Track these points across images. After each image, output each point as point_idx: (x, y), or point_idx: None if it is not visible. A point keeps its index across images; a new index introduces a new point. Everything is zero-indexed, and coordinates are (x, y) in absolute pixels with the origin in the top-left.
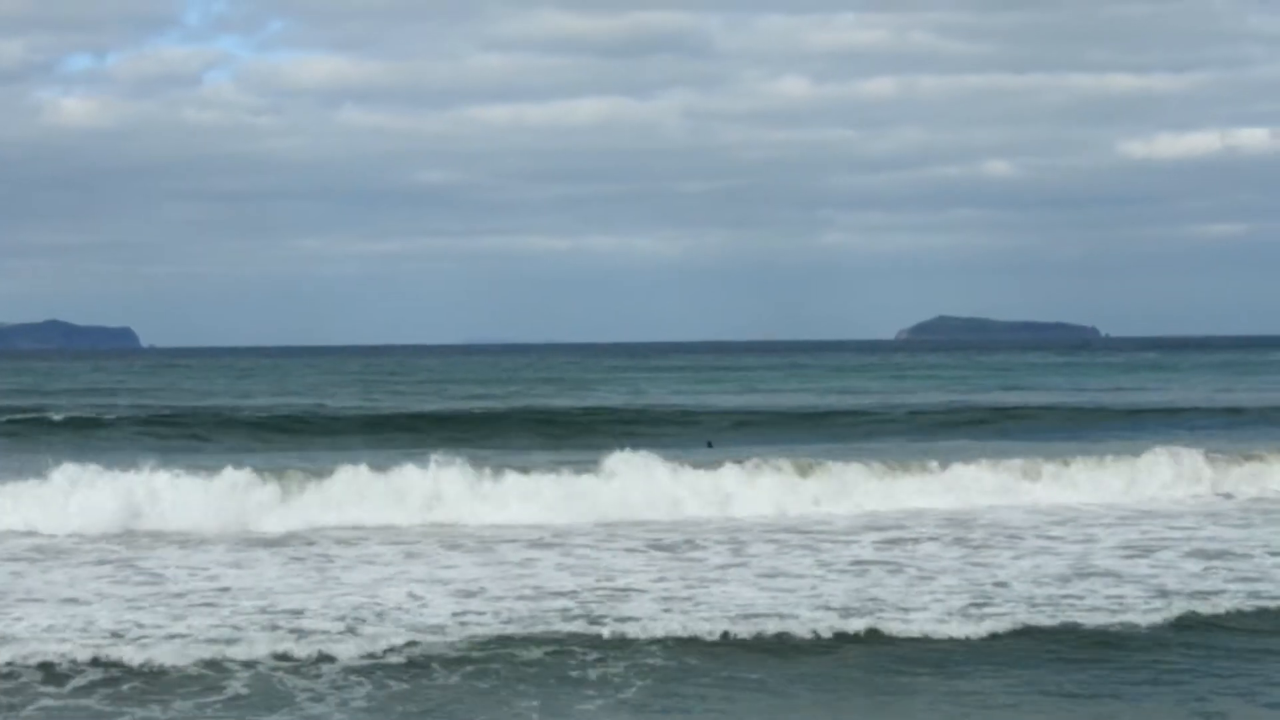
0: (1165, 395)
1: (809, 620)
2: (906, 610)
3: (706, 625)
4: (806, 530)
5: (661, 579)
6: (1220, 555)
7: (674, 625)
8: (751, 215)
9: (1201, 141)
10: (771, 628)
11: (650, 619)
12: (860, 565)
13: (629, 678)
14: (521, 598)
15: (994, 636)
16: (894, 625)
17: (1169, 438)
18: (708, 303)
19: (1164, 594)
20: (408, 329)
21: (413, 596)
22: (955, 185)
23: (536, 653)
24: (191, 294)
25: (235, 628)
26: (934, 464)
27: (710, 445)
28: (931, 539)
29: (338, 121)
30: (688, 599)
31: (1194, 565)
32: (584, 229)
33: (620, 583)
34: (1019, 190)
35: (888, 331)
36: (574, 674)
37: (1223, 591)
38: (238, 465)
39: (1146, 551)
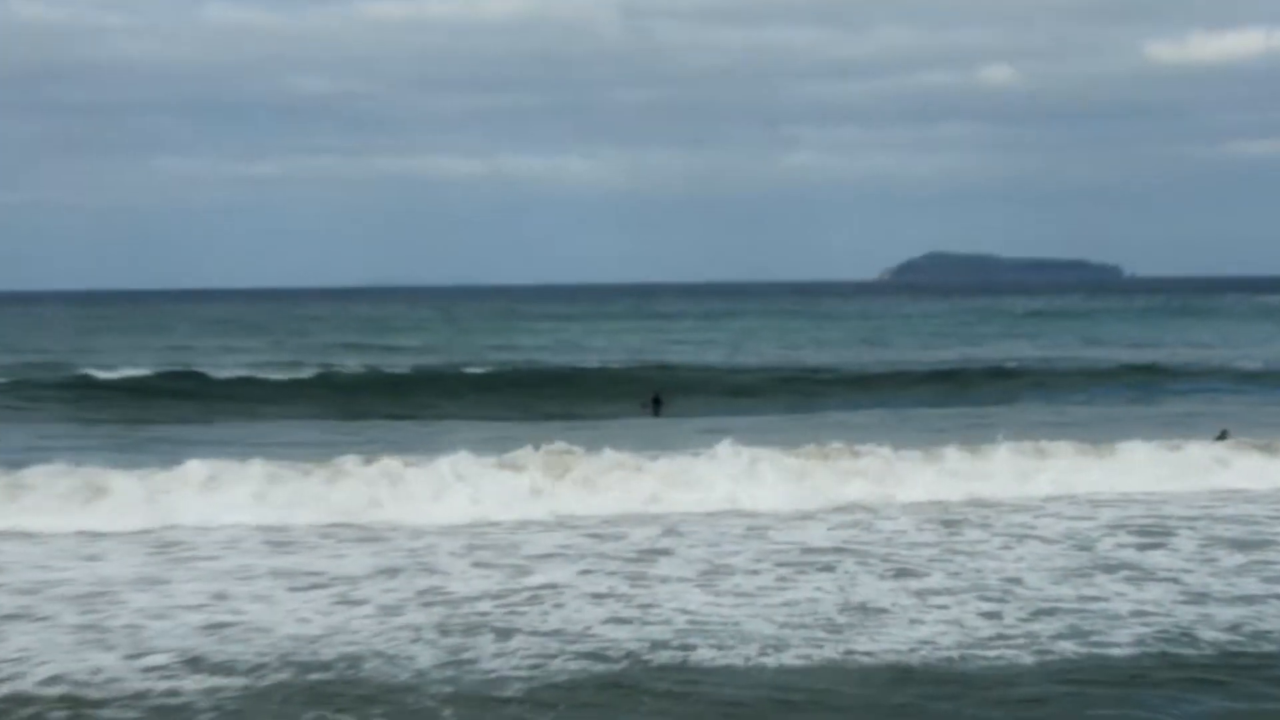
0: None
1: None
2: None
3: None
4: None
5: None
6: None
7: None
8: (703, 132)
9: (1243, 42)
10: None
11: None
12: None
13: None
14: None
15: None
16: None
17: None
18: (651, 237)
19: None
20: (290, 268)
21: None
22: (947, 95)
23: None
24: (30, 227)
25: None
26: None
27: (656, 404)
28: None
29: (201, 20)
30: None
31: None
32: (500, 148)
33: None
34: (1024, 101)
35: (868, 271)
36: None
37: None
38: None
39: None
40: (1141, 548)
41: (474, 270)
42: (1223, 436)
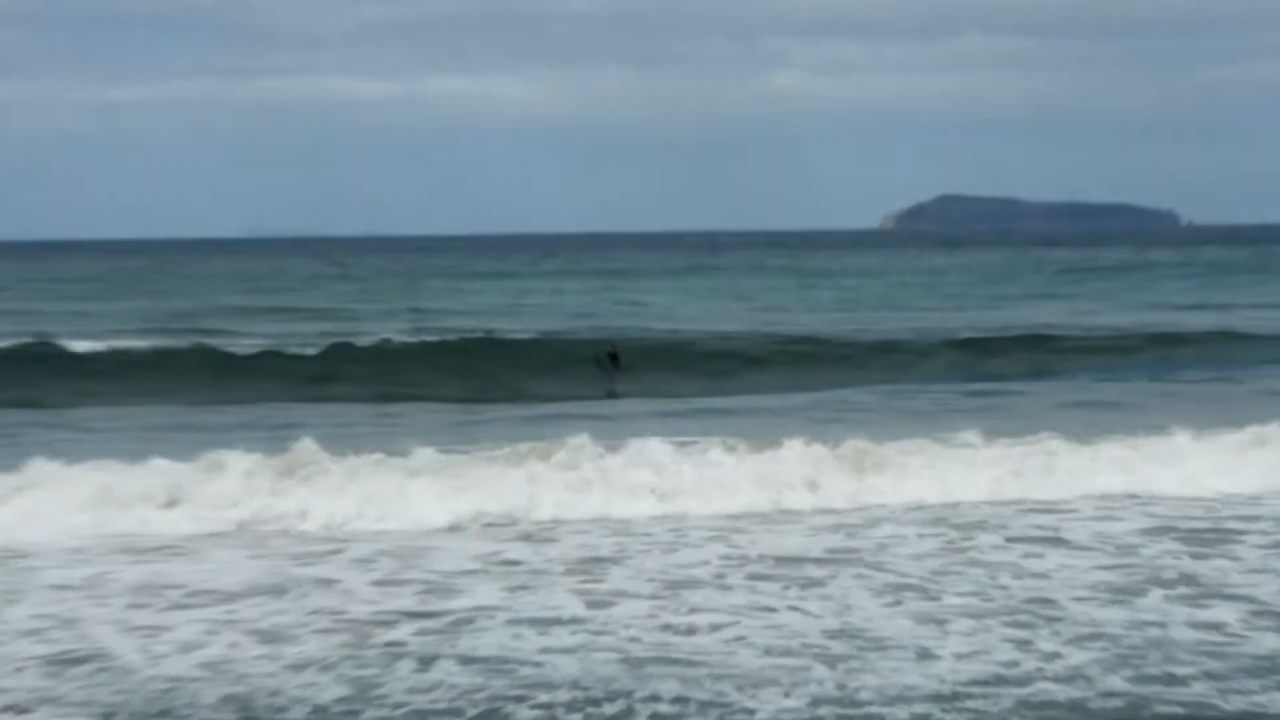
0: None
1: None
2: None
3: None
4: None
5: None
6: None
7: None
8: (664, 47)
9: None
10: None
11: None
12: None
13: None
14: None
15: None
16: None
17: None
18: (603, 176)
19: None
20: (158, 216)
21: None
22: (966, 2)
23: None
24: None
25: None
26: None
27: (613, 359)
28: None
29: None
30: None
31: None
32: (419, 67)
33: None
34: (1060, 10)
35: (869, 218)
36: None
37: None
38: None
39: None
40: (1197, 557)
41: (387, 218)
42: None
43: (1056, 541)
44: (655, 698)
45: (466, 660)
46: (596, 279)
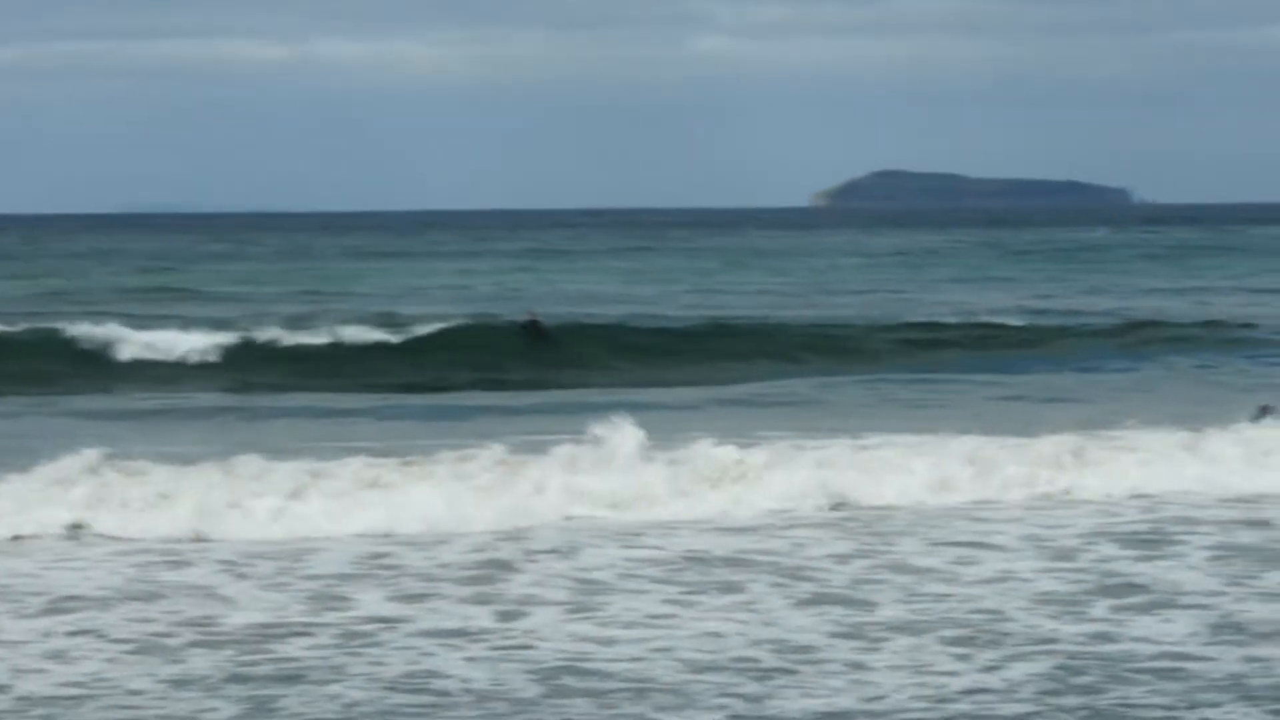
0: None
1: None
2: None
3: None
4: None
5: None
6: None
7: None
8: (582, 9)
9: None
10: None
11: None
12: None
13: None
14: None
15: None
16: None
17: None
18: (512, 148)
19: None
20: (30, 190)
21: None
22: None
23: None
24: None
25: None
26: None
27: (536, 329)
28: None
29: None
30: None
31: None
32: (312, 27)
33: None
34: None
35: (799, 196)
36: None
37: None
38: None
39: None
40: (1143, 560)
41: (284, 193)
42: (1265, 414)
43: (987, 546)
44: (572, 715)
45: (366, 676)
46: (510, 259)
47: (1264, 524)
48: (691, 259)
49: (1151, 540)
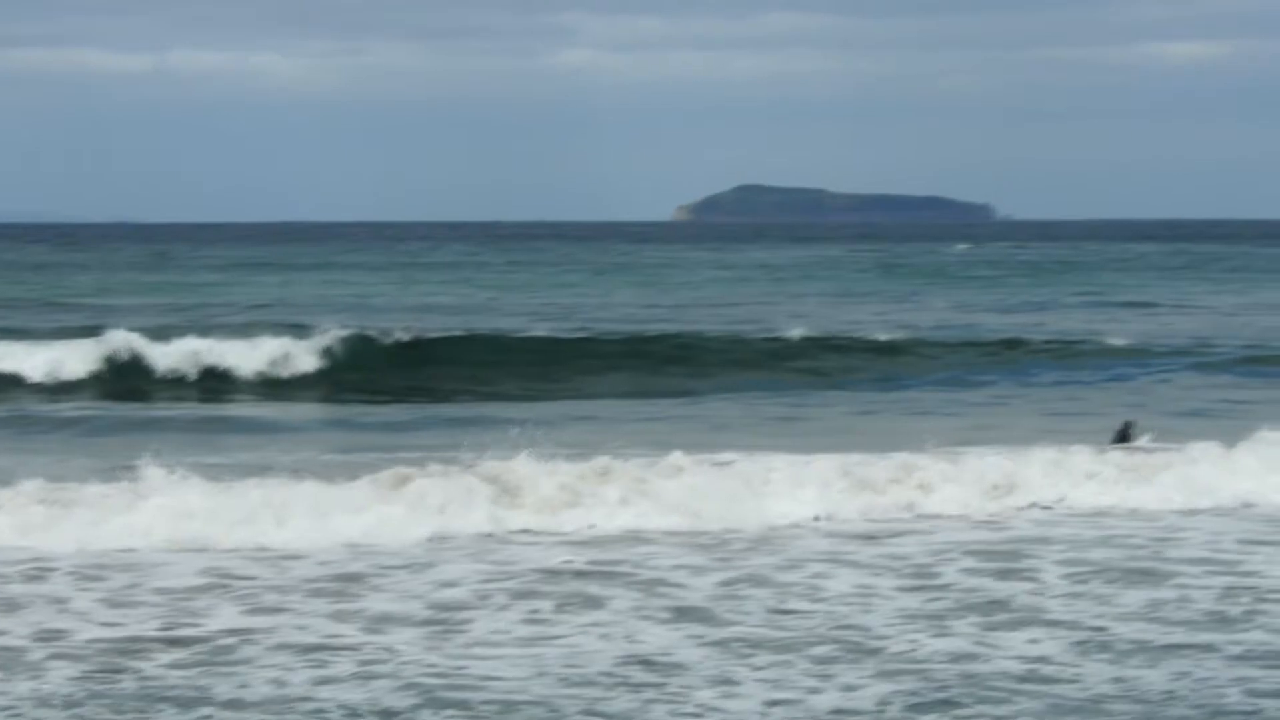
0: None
1: None
2: None
3: None
4: None
5: None
6: None
7: None
8: (446, 19)
9: None
10: None
11: None
12: None
13: None
14: None
15: None
16: None
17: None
18: (377, 160)
19: None
20: None
21: None
22: None
23: None
24: None
25: None
26: None
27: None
28: None
29: None
30: None
31: None
32: (175, 38)
33: None
34: None
35: (661, 210)
36: None
37: None
38: None
39: None
40: (1000, 576)
41: (141, 203)
42: (1125, 435)
43: (845, 563)
44: None
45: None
46: (368, 272)
47: (1116, 540)
48: (554, 272)
49: (1009, 555)
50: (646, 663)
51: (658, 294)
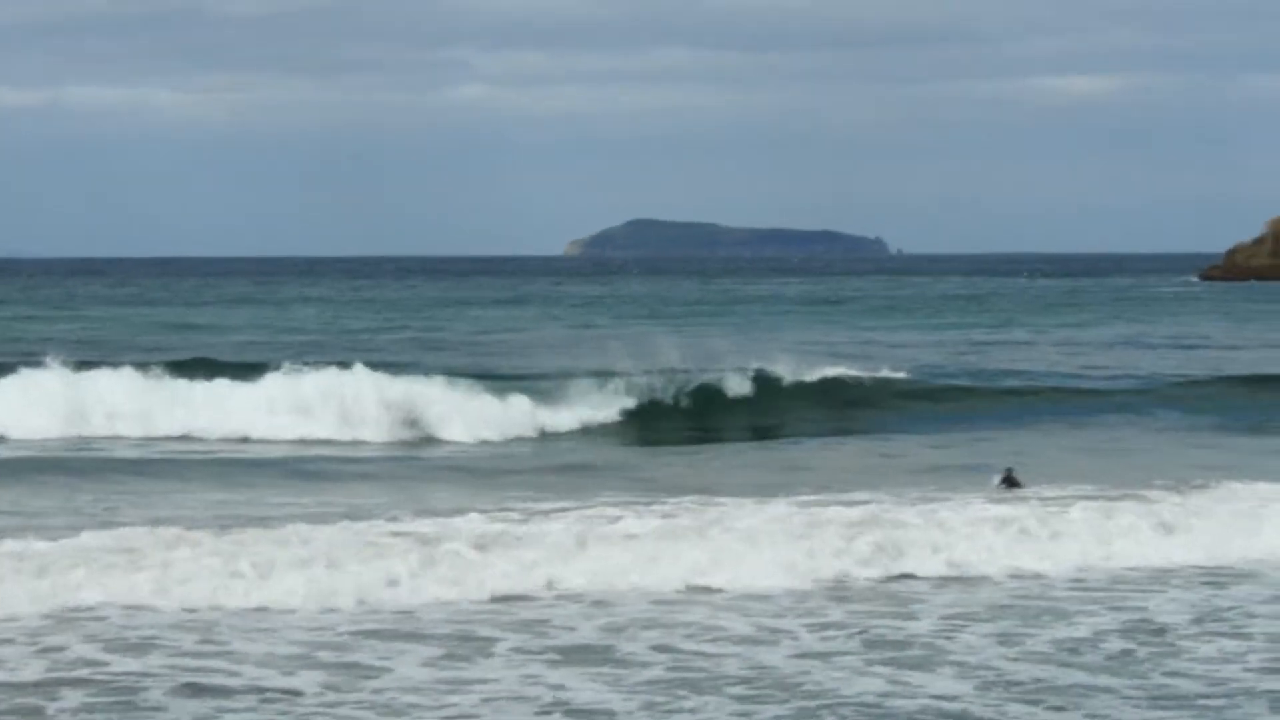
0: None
1: None
2: None
3: None
4: None
5: None
6: None
7: None
8: (339, 55)
9: None
10: None
11: None
12: None
13: None
14: None
15: None
16: None
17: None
18: (274, 196)
19: None
20: None
21: None
22: (664, 9)
23: None
24: None
25: None
26: None
27: None
28: None
29: None
30: None
31: None
32: (65, 73)
33: None
34: (765, 21)
35: (555, 245)
36: None
37: None
38: None
39: None
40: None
41: (31, 238)
42: (1008, 481)
43: (746, 602)
44: None
45: None
46: (248, 306)
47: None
48: (427, 306)
49: (901, 599)
50: None
51: (536, 325)
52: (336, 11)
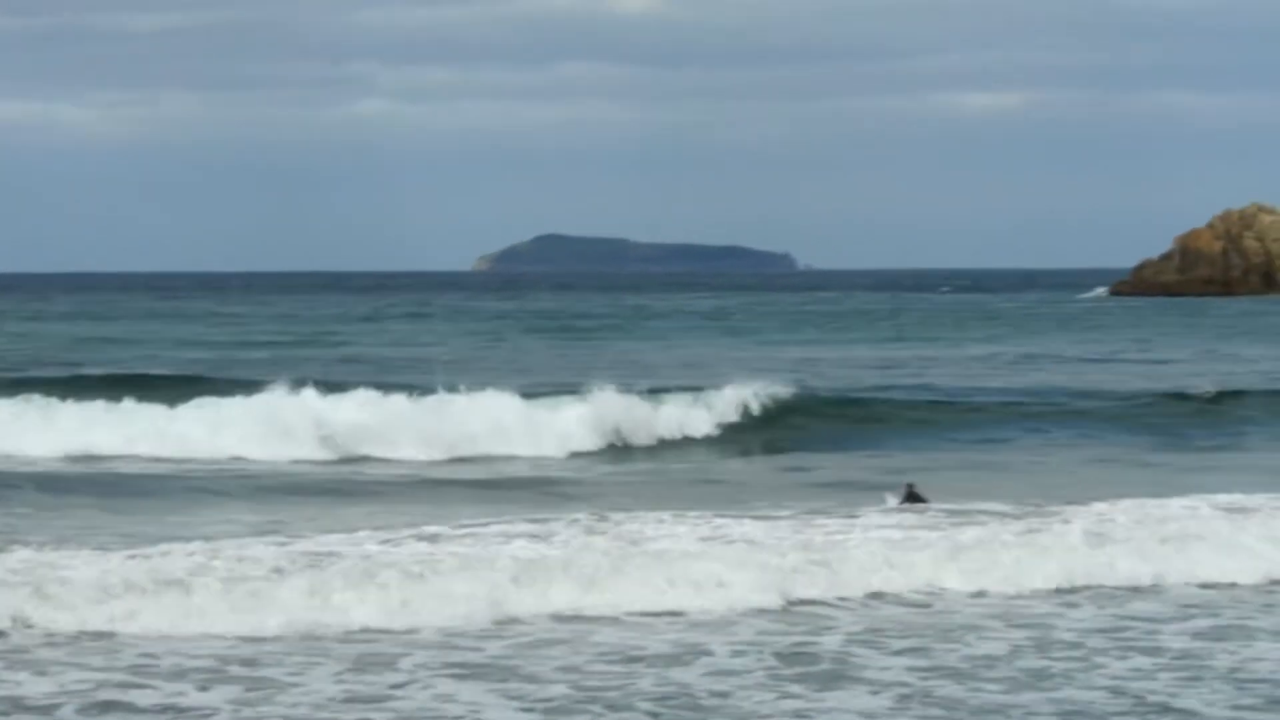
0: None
1: None
2: None
3: None
4: None
5: None
6: None
7: None
8: (241, 70)
9: None
10: None
11: None
12: None
13: None
14: None
15: None
16: None
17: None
18: (177, 211)
19: None
20: None
21: None
22: (566, 23)
23: None
24: None
25: None
26: None
27: None
28: None
29: None
30: None
31: None
32: None
33: None
34: (672, 36)
35: (462, 260)
36: None
37: None
38: None
39: None
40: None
41: None
42: (911, 497)
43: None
44: None
45: None
46: (135, 321)
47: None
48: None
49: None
50: None
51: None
52: (239, 26)
